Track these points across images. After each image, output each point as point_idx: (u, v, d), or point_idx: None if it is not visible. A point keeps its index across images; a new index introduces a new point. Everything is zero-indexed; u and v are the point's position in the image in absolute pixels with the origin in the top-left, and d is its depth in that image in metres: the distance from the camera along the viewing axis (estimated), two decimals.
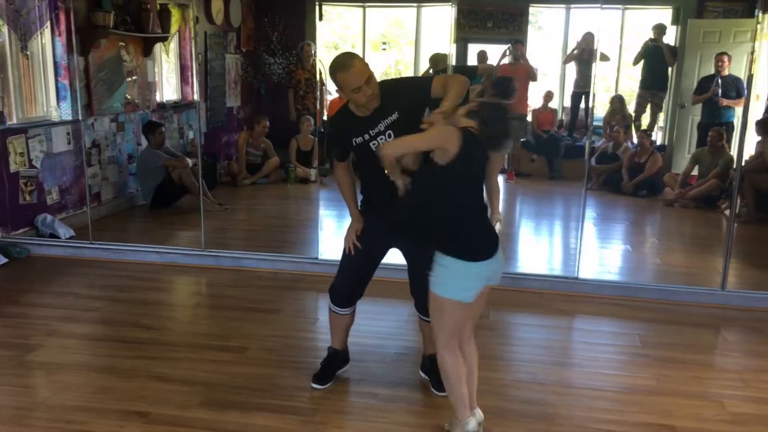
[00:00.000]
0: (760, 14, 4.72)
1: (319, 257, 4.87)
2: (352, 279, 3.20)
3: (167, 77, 7.33)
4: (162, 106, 7.14)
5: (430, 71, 8.28)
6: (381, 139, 2.85)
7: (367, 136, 2.87)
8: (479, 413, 2.75)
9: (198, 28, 7.61)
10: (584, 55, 7.80)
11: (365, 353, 3.59)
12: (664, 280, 4.78)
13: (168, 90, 7.39)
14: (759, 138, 6.49)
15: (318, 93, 8.22)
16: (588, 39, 7.64)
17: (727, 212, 6.50)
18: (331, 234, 5.59)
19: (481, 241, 2.62)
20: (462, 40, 8.27)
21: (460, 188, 2.56)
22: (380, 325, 3.98)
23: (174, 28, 7.11)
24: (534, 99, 8.46)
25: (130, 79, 6.51)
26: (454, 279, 2.57)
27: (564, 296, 4.48)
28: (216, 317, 4.09)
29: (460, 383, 2.67)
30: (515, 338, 4.04)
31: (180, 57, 7.44)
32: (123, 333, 3.79)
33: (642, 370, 3.50)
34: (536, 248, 5.87)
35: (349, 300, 3.26)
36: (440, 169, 2.49)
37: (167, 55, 7.22)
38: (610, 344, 3.88)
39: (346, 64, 2.72)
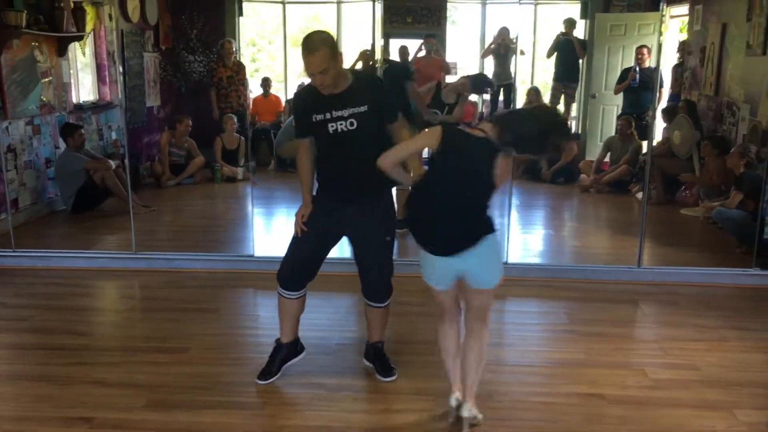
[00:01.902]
0: (664, 7, 5.02)
1: (255, 255, 4.87)
2: (299, 262, 3.21)
3: (83, 77, 7.10)
4: (79, 108, 6.91)
5: (358, 65, 8.38)
6: (341, 123, 2.90)
7: (328, 116, 2.91)
8: (468, 409, 2.78)
9: (113, 26, 7.42)
10: (501, 49, 8.06)
11: (308, 345, 3.61)
12: (585, 261, 5.06)
13: (84, 90, 7.16)
14: (665, 125, 6.92)
15: (243, 90, 8.18)
16: (503, 33, 7.91)
17: (638, 195, 6.92)
18: (265, 231, 5.60)
19: (446, 236, 2.68)
20: (384, 35, 8.38)
21: (436, 179, 2.66)
22: (320, 317, 4.04)
23: (89, 26, 6.88)
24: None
25: (44, 80, 6.27)
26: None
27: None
28: (153, 319, 4.05)
29: (444, 354, 2.88)
30: (429, 321, 4.19)
31: (96, 56, 7.21)
32: (56, 340, 3.70)
33: (570, 345, 3.72)
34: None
35: (297, 283, 3.25)
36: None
37: (83, 54, 6.99)
38: (540, 323, 4.09)
39: (311, 47, 2.78)
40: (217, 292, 4.48)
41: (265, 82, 8.82)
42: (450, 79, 8.83)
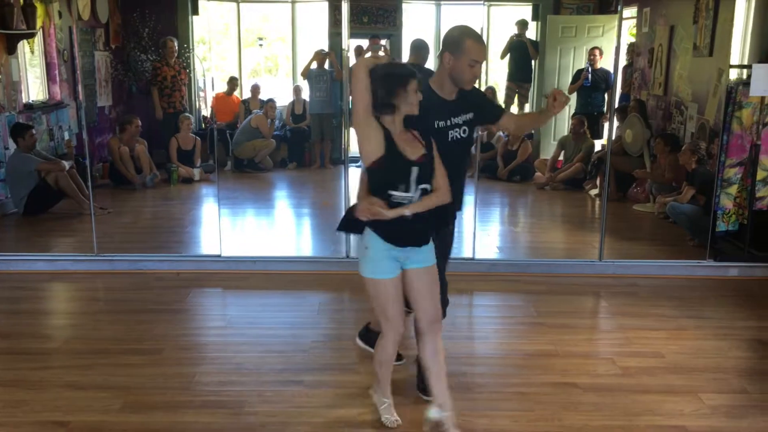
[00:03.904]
0: (622, 9, 5.19)
1: (222, 254, 4.82)
2: None
3: (32, 76, 6.88)
4: (29, 107, 6.69)
5: (313, 65, 8.38)
6: (457, 131, 2.81)
7: (449, 122, 2.80)
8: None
9: (63, 23, 7.21)
10: None
11: (284, 344, 3.65)
12: (547, 256, 5.19)
13: (34, 89, 6.94)
14: (618, 124, 7.15)
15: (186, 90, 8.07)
16: None
17: (591, 192, 7.14)
18: (229, 231, 5.55)
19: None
20: (338, 35, 8.40)
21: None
22: (294, 316, 4.04)
23: (38, 23, 6.67)
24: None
25: None
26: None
27: (462, 276, 4.74)
28: (122, 321, 3.96)
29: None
30: None
31: (45, 55, 7.00)
32: (23, 345, 3.59)
33: (540, 337, 3.82)
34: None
35: None
36: None
37: (32, 52, 6.78)
38: (509, 316, 4.19)
39: (480, 37, 2.73)
40: (184, 293, 4.41)
41: (232, 81, 8.72)
42: None
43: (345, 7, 4.87)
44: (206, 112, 8.89)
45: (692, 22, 6.48)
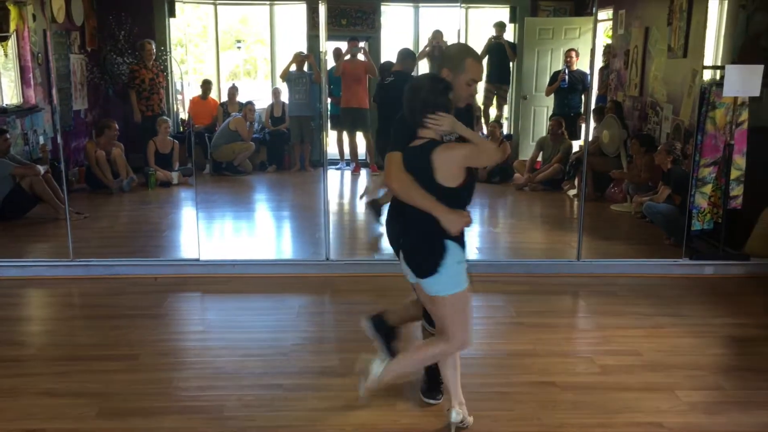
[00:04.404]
0: (596, 11, 5.25)
1: (200, 258, 4.78)
2: None
3: (5, 80, 6.78)
4: (3, 111, 6.59)
5: (292, 68, 8.37)
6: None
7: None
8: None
9: (38, 26, 7.12)
10: (435, 52, 8.20)
11: (263, 347, 3.63)
12: (526, 256, 5.22)
13: (8, 93, 6.83)
14: (595, 125, 7.22)
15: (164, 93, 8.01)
16: (437, 36, 8.05)
17: (570, 193, 7.19)
18: (207, 235, 5.50)
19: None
20: (316, 37, 8.38)
21: None
22: (273, 319, 4.02)
23: (12, 27, 6.58)
24: None
25: None
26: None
27: None
28: (97, 327, 3.91)
29: (442, 365, 2.86)
30: None
31: (19, 58, 6.90)
32: None
33: (519, 337, 3.84)
34: None
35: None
36: None
37: (5, 55, 6.68)
38: (488, 316, 4.20)
39: (480, 57, 2.79)
40: (163, 298, 4.37)
41: (206, 85, 8.66)
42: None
43: (322, 10, 4.86)
44: (184, 115, 8.82)
45: (666, 24, 6.56)
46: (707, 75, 5.47)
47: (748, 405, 3.12)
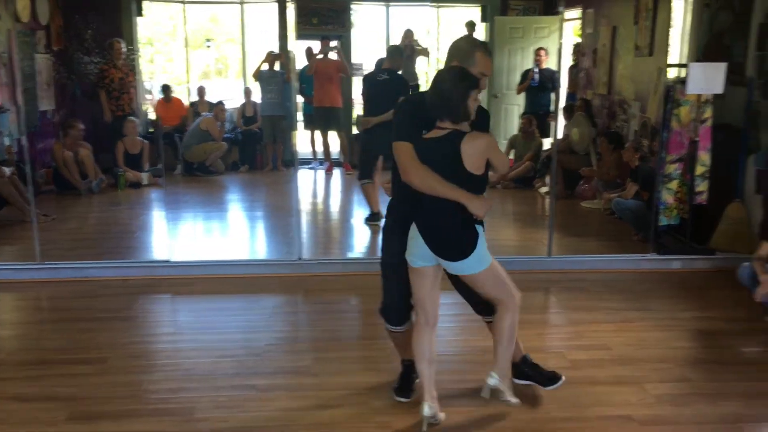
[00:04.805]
0: (563, 10, 5.31)
1: (172, 260, 4.74)
2: (398, 294, 2.98)
3: None
4: None
5: (264, 66, 8.33)
6: None
7: None
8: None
9: (2, 25, 6.98)
10: (407, 51, 8.22)
11: (236, 348, 3.61)
12: (499, 253, 5.18)
13: None
14: (565, 123, 7.31)
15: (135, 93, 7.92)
16: (408, 35, 8.08)
17: (541, 190, 7.27)
18: (178, 236, 5.46)
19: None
20: (286, 36, 8.36)
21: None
22: (247, 319, 4.00)
23: None
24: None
25: None
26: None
27: None
28: (66, 331, 3.85)
29: (419, 359, 2.88)
30: (376, 318, 4.26)
31: None
32: None
33: (487, 334, 3.84)
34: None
35: (401, 317, 3.03)
36: None
37: None
38: (462, 313, 4.17)
39: (489, 51, 2.80)
40: (133, 300, 4.33)
41: (166, 89, 8.57)
42: (356, 79, 8.95)
43: (291, 9, 4.85)
44: (154, 115, 8.74)
45: (633, 23, 6.67)
46: (672, 73, 5.57)
47: (714, 397, 3.18)
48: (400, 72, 5.86)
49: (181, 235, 5.81)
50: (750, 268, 4.00)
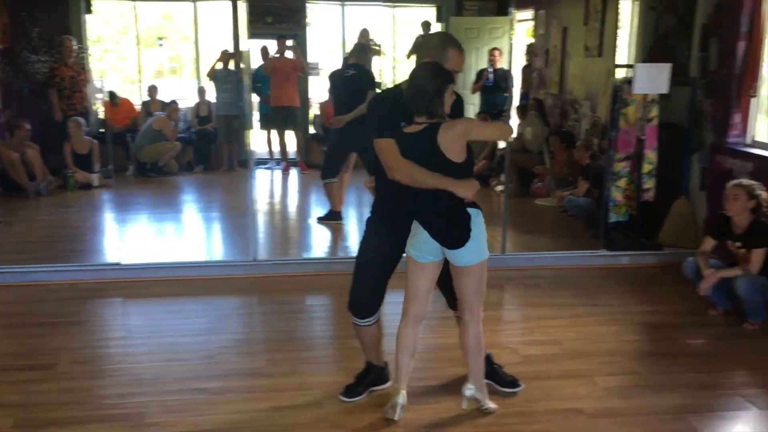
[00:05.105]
0: (514, 12, 5.39)
1: (122, 263, 4.65)
2: (371, 288, 2.98)
3: None
4: None
5: (218, 66, 8.24)
6: None
7: None
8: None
9: None
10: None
11: (188, 351, 3.57)
12: None
13: None
14: (519, 122, 7.41)
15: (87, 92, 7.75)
16: (364, 34, 8.08)
17: (497, 188, 7.34)
18: (129, 238, 5.36)
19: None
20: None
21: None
22: (200, 322, 3.96)
23: None
24: (320, 92, 8.77)
25: None
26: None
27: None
28: (13, 336, 3.75)
29: (401, 351, 2.92)
30: (330, 318, 4.26)
31: None
32: None
33: (448, 330, 3.82)
34: (339, 233, 6.14)
35: (370, 310, 3.01)
36: None
37: None
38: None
39: (462, 48, 2.80)
40: (82, 304, 4.23)
41: (112, 96, 8.40)
42: (312, 79, 8.93)
43: (242, 7, 4.81)
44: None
45: (583, 24, 6.80)
46: (621, 73, 5.70)
47: (660, 388, 3.27)
48: (367, 67, 5.88)
49: (133, 237, 5.71)
50: (694, 263, 4.13)
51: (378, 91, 5.76)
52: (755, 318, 3.98)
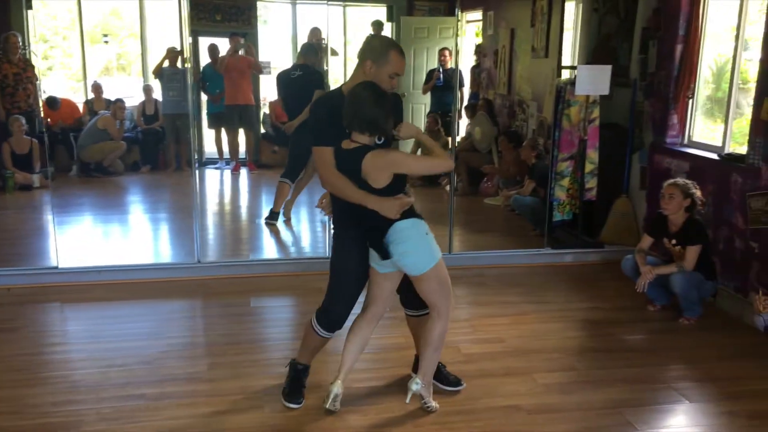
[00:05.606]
0: (459, 12, 5.44)
1: (59, 266, 4.52)
2: (350, 304, 2.98)
3: None
4: None
5: (165, 63, 8.08)
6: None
7: None
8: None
9: None
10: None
11: (127, 356, 3.49)
12: None
13: None
14: (468, 122, 7.47)
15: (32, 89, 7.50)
16: (316, 33, 8.03)
17: (447, 188, 7.40)
18: (69, 241, 5.21)
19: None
20: (192, 33, 8.14)
21: None
22: (140, 326, 3.88)
23: None
24: (271, 91, 8.68)
25: None
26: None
27: (319, 276, 4.74)
28: None
29: (351, 343, 2.97)
30: (276, 320, 4.22)
31: None
32: None
33: (390, 331, 3.91)
34: (287, 234, 6.10)
35: (342, 323, 3.01)
36: None
37: None
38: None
39: (403, 51, 2.77)
40: (17, 310, 4.11)
41: (51, 101, 8.14)
42: (263, 78, 8.83)
43: (184, 3, 4.73)
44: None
45: (530, 26, 6.89)
46: (565, 74, 5.79)
47: (598, 383, 3.35)
48: (315, 67, 5.85)
49: (74, 239, 5.55)
50: (632, 260, 4.23)
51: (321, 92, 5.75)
52: (690, 314, 4.10)
